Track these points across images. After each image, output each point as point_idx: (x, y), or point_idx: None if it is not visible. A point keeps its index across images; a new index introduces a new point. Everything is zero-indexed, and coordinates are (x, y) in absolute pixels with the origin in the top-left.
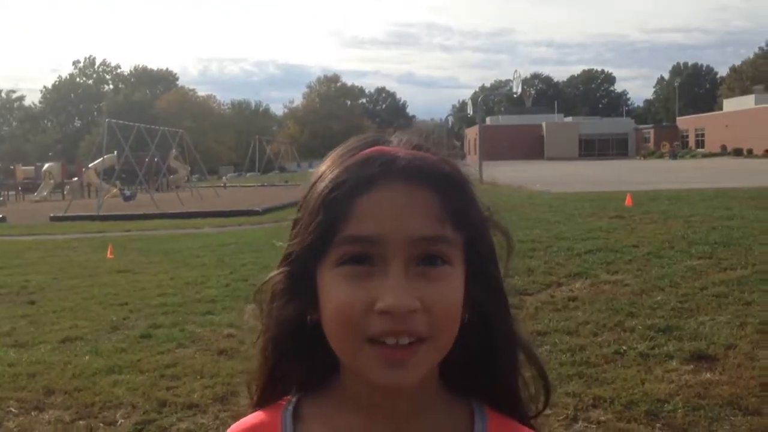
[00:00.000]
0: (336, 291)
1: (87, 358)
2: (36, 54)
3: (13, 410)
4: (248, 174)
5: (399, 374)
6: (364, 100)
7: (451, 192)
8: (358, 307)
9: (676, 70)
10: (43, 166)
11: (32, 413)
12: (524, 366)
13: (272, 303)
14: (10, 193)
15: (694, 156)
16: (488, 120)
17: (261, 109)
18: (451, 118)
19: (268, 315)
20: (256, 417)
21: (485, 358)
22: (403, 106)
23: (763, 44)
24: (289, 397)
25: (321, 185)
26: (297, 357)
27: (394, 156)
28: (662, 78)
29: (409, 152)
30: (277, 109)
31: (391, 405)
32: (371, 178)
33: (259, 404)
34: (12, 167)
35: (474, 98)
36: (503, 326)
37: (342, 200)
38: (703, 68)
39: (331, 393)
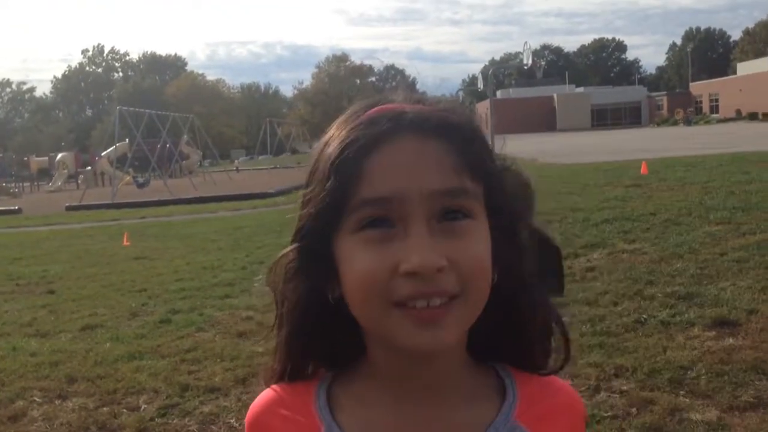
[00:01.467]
0: (357, 258)
1: (108, 345)
2: (45, 45)
3: (37, 399)
4: (260, 157)
5: (434, 335)
6: (373, 79)
7: (464, 142)
8: (382, 272)
9: (689, 36)
10: (56, 156)
11: (56, 402)
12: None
13: (287, 283)
14: (25, 184)
15: (708, 122)
16: (499, 93)
17: (270, 91)
18: (461, 93)
19: (283, 297)
20: (287, 389)
21: (512, 319)
22: (413, 83)
23: None
24: (316, 372)
25: (329, 150)
26: (321, 337)
27: (401, 111)
28: (674, 44)
29: (415, 106)
30: (287, 91)
31: (421, 374)
32: (380, 135)
33: (286, 378)
34: (26, 158)
35: (484, 72)
36: (528, 287)
37: (352, 162)
38: (716, 32)
39: (359, 369)
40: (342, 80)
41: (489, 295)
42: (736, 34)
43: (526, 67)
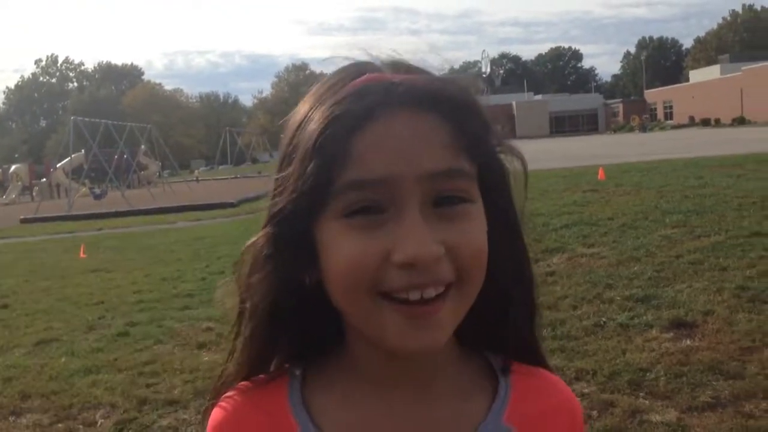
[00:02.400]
0: (344, 245)
1: (63, 359)
2: None
3: None
4: (220, 167)
5: (426, 335)
6: None
7: (463, 116)
8: (372, 261)
9: (642, 44)
10: (9, 168)
11: (9, 418)
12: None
13: (256, 272)
14: None
15: (663, 128)
16: None
17: (230, 100)
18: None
19: (250, 287)
20: (252, 391)
21: (501, 306)
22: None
23: (726, 14)
24: (286, 368)
25: (310, 126)
26: (292, 330)
27: (392, 82)
28: (629, 53)
29: (406, 76)
30: (247, 100)
31: (406, 368)
32: (369, 110)
33: (247, 378)
34: None
35: None
36: (520, 267)
37: (338, 139)
38: (669, 41)
39: (336, 362)
40: (301, 89)
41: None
42: (687, 43)
43: (484, 75)
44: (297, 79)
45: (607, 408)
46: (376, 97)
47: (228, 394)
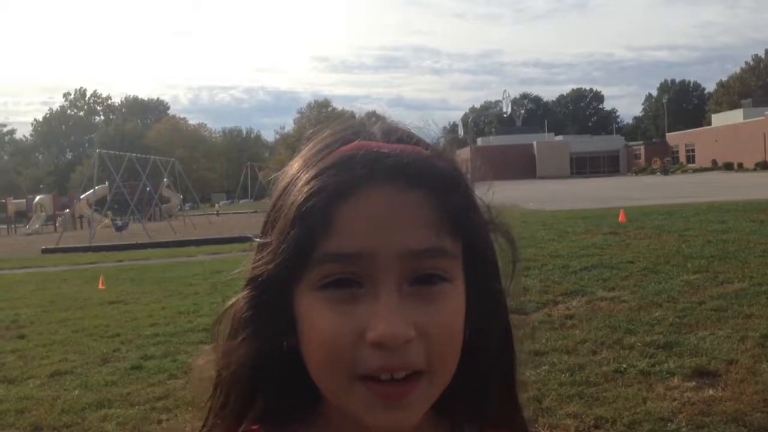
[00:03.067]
0: (318, 320)
1: (76, 392)
2: (26, 87)
3: None
4: (241, 201)
5: (397, 415)
6: None
7: (448, 193)
8: (346, 339)
9: (664, 87)
10: (34, 198)
11: None
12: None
13: (235, 336)
14: (2, 226)
15: (685, 171)
16: (479, 141)
17: (252, 135)
18: (442, 140)
19: (228, 353)
20: None
21: (478, 376)
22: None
23: (749, 59)
24: (255, 429)
25: (294, 192)
26: (269, 390)
27: (379, 152)
28: (650, 95)
29: (395, 146)
30: (269, 136)
31: None
32: (354, 182)
33: None
34: (3, 201)
35: (464, 119)
36: (502, 345)
37: (321, 210)
38: (691, 84)
39: (311, 425)
40: (323, 125)
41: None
42: (709, 86)
43: (505, 115)
44: (319, 116)
45: None
46: (362, 169)
47: None
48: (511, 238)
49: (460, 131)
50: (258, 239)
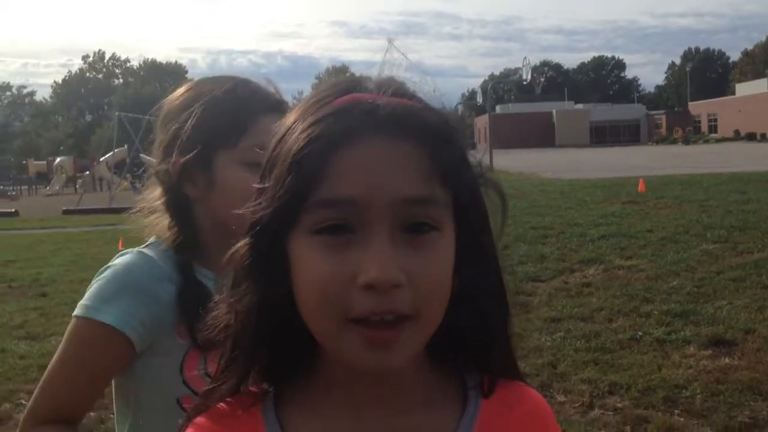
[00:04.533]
0: (311, 263)
1: None
2: (46, 49)
3: (24, 402)
4: None
5: (383, 357)
6: None
7: (440, 145)
8: (338, 283)
9: (688, 55)
10: (55, 160)
11: None
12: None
13: (239, 281)
14: (23, 187)
15: (707, 141)
16: (498, 108)
17: None
18: (460, 107)
19: (233, 298)
20: (226, 411)
21: (474, 326)
22: (412, 96)
23: None
24: (261, 386)
25: (290, 140)
26: (271, 346)
27: (374, 104)
28: (673, 63)
29: (390, 99)
30: (287, 100)
31: (377, 383)
32: (349, 132)
33: (226, 396)
34: (24, 162)
35: (483, 87)
36: (494, 297)
37: (315, 158)
38: (715, 53)
39: (311, 378)
40: None
41: (450, 301)
42: (734, 55)
43: (525, 83)
44: None
45: (640, 424)
46: (356, 119)
47: (203, 414)
48: (501, 193)
49: (479, 98)
50: (256, 185)
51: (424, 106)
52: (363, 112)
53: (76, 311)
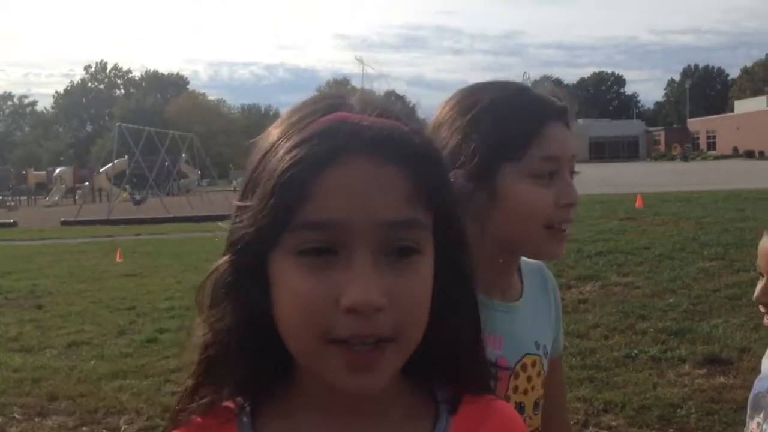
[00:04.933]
0: (293, 284)
1: (92, 362)
2: (47, 59)
3: (17, 416)
4: None
5: (365, 379)
6: None
7: (424, 168)
8: (320, 304)
9: (687, 72)
10: (54, 170)
11: (36, 419)
12: None
13: (218, 304)
14: (23, 197)
15: (705, 158)
16: None
17: (271, 113)
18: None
19: (211, 316)
20: (203, 426)
21: (445, 340)
22: (413, 109)
23: None
24: (237, 400)
25: (274, 160)
26: (247, 357)
27: (359, 125)
28: (673, 80)
29: (375, 120)
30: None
31: (354, 402)
32: (333, 153)
33: (200, 412)
34: (24, 172)
35: None
36: (467, 312)
37: (300, 179)
38: (715, 70)
39: (287, 391)
40: None
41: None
42: (734, 72)
43: None
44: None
45: None
46: (341, 140)
47: (182, 425)
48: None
49: None
50: (237, 202)
51: (409, 127)
52: (348, 134)
53: None
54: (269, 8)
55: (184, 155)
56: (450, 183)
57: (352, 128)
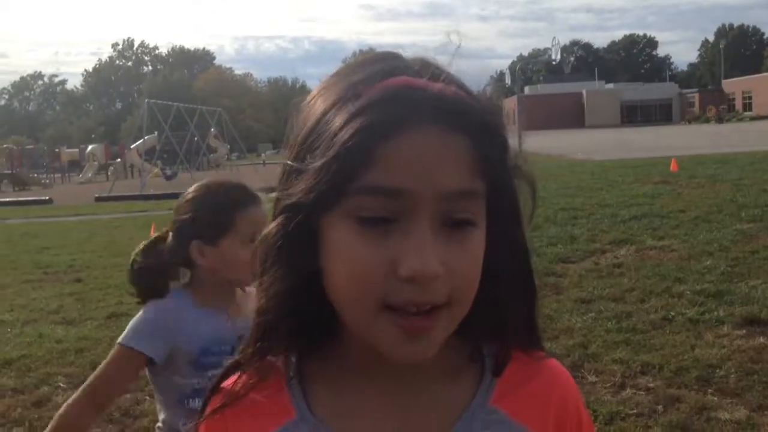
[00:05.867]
0: (350, 249)
1: None
2: (76, 38)
3: (62, 385)
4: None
5: (418, 348)
6: None
7: (487, 138)
8: (378, 271)
9: (721, 32)
10: (86, 148)
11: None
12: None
13: (269, 262)
14: (56, 175)
15: (741, 119)
16: (527, 90)
17: (298, 85)
18: (488, 89)
19: (265, 279)
20: (253, 376)
21: (499, 306)
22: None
23: None
24: (287, 357)
25: (335, 125)
26: (298, 320)
27: (425, 92)
28: (707, 41)
29: (441, 87)
30: (314, 85)
31: (396, 366)
32: (401, 120)
33: (250, 364)
34: (57, 150)
35: (512, 68)
36: (520, 283)
37: (364, 146)
38: (750, 29)
39: (332, 350)
40: None
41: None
42: None
43: (554, 63)
44: None
45: (673, 403)
46: (407, 108)
47: (230, 380)
48: (534, 187)
49: (507, 80)
50: (291, 163)
51: (472, 95)
52: (415, 101)
53: None
54: None
55: (213, 130)
56: (508, 153)
57: (418, 95)
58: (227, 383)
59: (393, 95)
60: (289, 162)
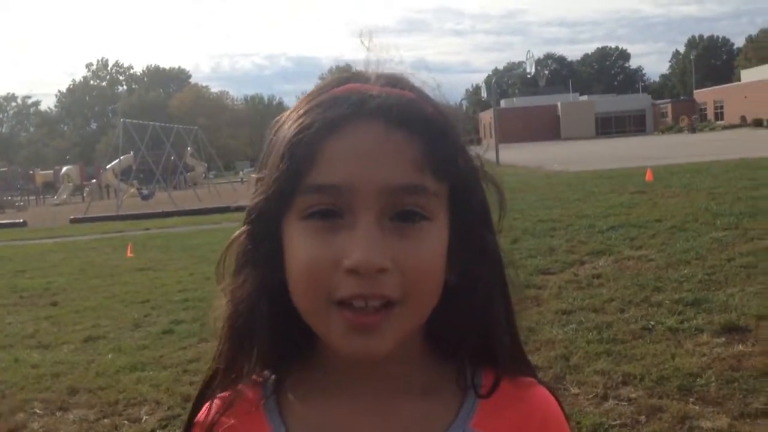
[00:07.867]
0: (300, 247)
1: (110, 356)
2: (49, 58)
3: (38, 411)
4: None
5: (367, 342)
6: None
7: (433, 136)
8: (324, 265)
9: (692, 43)
10: (61, 169)
11: (57, 413)
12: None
13: (238, 273)
14: (31, 197)
15: (713, 129)
16: (503, 103)
17: (274, 102)
18: (465, 103)
19: (234, 285)
20: (232, 394)
21: (475, 319)
22: (411, 87)
23: None
24: (262, 373)
25: (285, 128)
26: (269, 333)
27: (367, 94)
28: (678, 52)
29: (385, 89)
30: (291, 102)
31: (371, 370)
32: (340, 119)
33: (227, 385)
34: (31, 172)
35: (488, 81)
36: (495, 290)
37: (307, 144)
38: (719, 40)
39: (309, 363)
40: None
41: (449, 296)
42: (739, 41)
43: (529, 76)
44: None
45: (655, 413)
46: (348, 107)
47: (208, 400)
48: (498, 185)
49: (483, 93)
50: (255, 175)
51: (421, 97)
52: (355, 101)
53: None
54: None
55: (189, 148)
56: (466, 154)
57: (360, 97)
58: (200, 415)
59: (336, 98)
60: (253, 175)
